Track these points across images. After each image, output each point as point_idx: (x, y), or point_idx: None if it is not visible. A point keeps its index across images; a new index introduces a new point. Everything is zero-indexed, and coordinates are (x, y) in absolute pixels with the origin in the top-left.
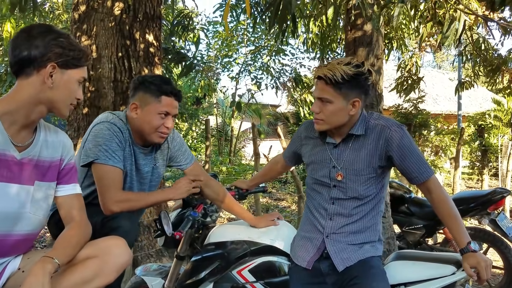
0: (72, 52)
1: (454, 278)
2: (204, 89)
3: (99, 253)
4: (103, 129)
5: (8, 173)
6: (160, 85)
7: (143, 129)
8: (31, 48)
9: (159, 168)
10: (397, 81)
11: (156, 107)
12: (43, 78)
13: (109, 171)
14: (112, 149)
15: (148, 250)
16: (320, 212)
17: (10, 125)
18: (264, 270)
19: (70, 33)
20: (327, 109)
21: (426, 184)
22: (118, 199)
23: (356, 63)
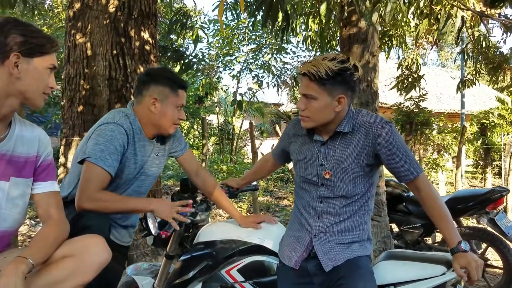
0: (35, 39)
1: (444, 279)
2: (206, 88)
3: (76, 252)
4: (107, 130)
5: None
6: (175, 79)
7: (161, 123)
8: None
9: (162, 158)
10: (397, 79)
11: (175, 101)
12: (8, 69)
13: (96, 171)
14: (109, 151)
15: (144, 249)
16: (308, 211)
17: None
18: (253, 269)
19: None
20: (312, 106)
21: (415, 183)
22: (93, 197)
23: (342, 58)
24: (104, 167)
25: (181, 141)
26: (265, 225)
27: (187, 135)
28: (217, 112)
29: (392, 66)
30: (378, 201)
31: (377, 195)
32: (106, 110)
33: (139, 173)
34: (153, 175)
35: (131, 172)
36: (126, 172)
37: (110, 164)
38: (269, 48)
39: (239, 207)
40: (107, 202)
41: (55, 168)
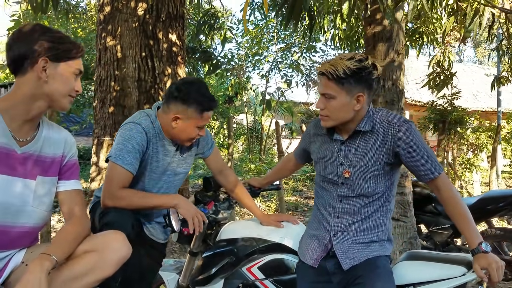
0: (61, 45)
1: (463, 280)
2: (235, 88)
3: (97, 248)
4: (125, 130)
5: (10, 166)
6: (202, 101)
7: (179, 137)
8: (21, 46)
9: (189, 159)
10: (429, 77)
11: (197, 122)
12: (37, 73)
13: (116, 169)
14: (127, 149)
15: (172, 246)
16: (328, 210)
17: (11, 120)
18: (273, 267)
19: (96, 34)
20: (331, 105)
21: (435, 182)
22: (113, 195)
23: (360, 57)
24: (122, 165)
25: (208, 142)
26: (285, 224)
27: (216, 134)
28: (246, 111)
29: (426, 63)
30: (404, 202)
31: (403, 195)
32: (135, 111)
33: (165, 172)
34: (180, 175)
35: (156, 170)
36: (150, 170)
37: (128, 162)
38: (298, 47)
39: (267, 206)
40: (128, 199)
41: (79, 168)
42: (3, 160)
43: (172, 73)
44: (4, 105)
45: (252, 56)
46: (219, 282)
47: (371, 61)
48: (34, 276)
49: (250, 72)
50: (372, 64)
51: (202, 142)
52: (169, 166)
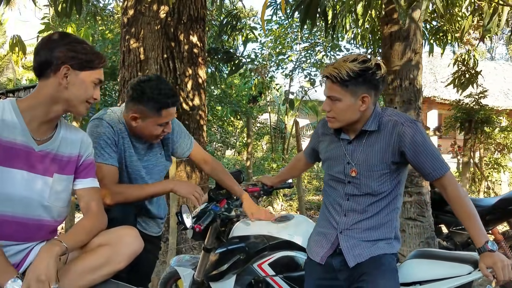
0: (84, 55)
1: (469, 278)
2: (259, 87)
3: (111, 242)
4: (91, 127)
5: (29, 164)
6: (160, 100)
7: (143, 135)
8: (48, 53)
9: (163, 156)
10: (453, 76)
11: (156, 120)
12: (59, 79)
13: (101, 168)
14: (100, 146)
15: (192, 242)
16: (335, 208)
17: (30, 120)
18: (283, 264)
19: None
20: (336, 107)
21: (441, 181)
22: (110, 192)
23: (363, 58)
24: (103, 162)
25: (186, 142)
26: (295, 221)
27: (240, 134)
28: (270, 111)
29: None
30: (422, 201)
31: (421, 195)
32: None
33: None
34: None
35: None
36: (127, 167)
37: (108, 156)
38: (323, 46)
39: (289, 206)
40: (125, 193)
41: (95, 167)
42: (22, 157)
43: (193, 74)
44: (25, 106)
45: (276, 56)
46: (231, 277)
47: (375, 61)
48: (42, 260)
49: (274, 71)
50: (376, 65)
51: (178, 139)
52: (143, 163)
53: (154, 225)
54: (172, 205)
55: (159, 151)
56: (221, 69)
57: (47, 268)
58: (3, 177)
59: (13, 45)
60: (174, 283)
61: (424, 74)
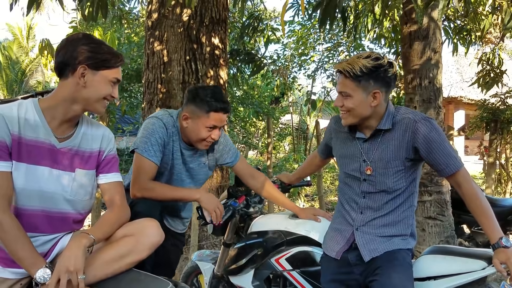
0: (100, 55)
1: (483, 273)
2: (281, 88)
3: (134, 233)
4: (148, 123)
5: (52, 160)
6: (210, 102)
7: (191, 137)
8: (66, 53)
9: (206, 167)
10: (477, 75)
11: (204, 122)
12: (76, 79)
13: (143, 162)
14: (151, 143)
15: (213, 239)
16: (352, 205)
17: (51, 119)
18: (300, 259)
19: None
20: (348, 102)
21: (455, 177)
22: (142, 186)
23: (376, 56)
24: (148, 157)
25: (230, 154)
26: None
27: (262, 135)
28: (292, 112)
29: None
30: (442, 201)
31: (441, 194)
32: None
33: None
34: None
35: (175, 168)
36: (170, 167)
37: (153, 154)
38: (346, 46)
39: (311, 206)
40: (156, 191)
41: (118, 161)
42: (46, 154)
43: (214, 75)
44: (46, 106)
45: (298, 57)
46: (250, 272)
47: (387, 59)
48: (71, 251)
49: (296, 72)
50: (389, 62)
51: (223, 154)
52: (186, 168)
53: (180, 223)
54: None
55: (204, 160)
56: (243, 70)
57: (76, 259)
58: (29, 173)
59: (42, 49)
60: (195, 277)
61: (450, 74)
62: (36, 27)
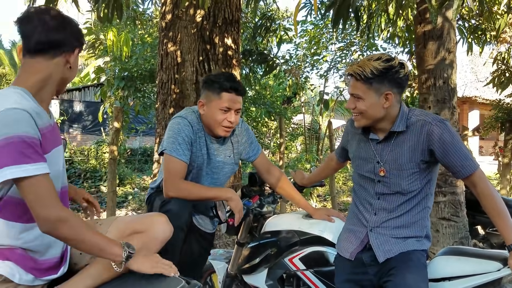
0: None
1: (498, 275)
2: (293, 88)
3: (144, 229)
4: (174, 124)
5: (56, 138)
6: (220, 82)
7: (210, 124)
8: (66, 34)
9: (232, 160)
10: (492, 75)
11: (217, 103)
12: (66, 60)
13: (173, 162)
14: (178, 142)
15: (226, 239)
16: (365, 206)
17: (41, 102)
18: (313, 259)
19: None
20: (360, 104)
21: (471, 179)
22: (175, 186)
23: (387, 57)
24: (177, 157)
25: (253, 147)
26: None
27: (274, 135)
28: (305, 111)
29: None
30: (456, 201)
31: (455, 195)
32: None
33: (209, 166)
34: (226, 169)
35: (202, 163)
36: (198, 162)
37: (182, 153)
38: (359, 46)
39: (323, 206)
40: (188, 190)
41: None
42: (52, 135)
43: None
44: (33, 91)
45: (310, 56)
46: (263, 271)
47: (398, 60)
48: None
49: (309, 72)
50: (400, 63)
51: (246, 147)
52: (214, 162)
53: (209, 223)
54: None
55: (229, 153)
56: (255, 70)
57: None
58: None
59: None
60: (209, 276)
61: (465, 74)
62: None
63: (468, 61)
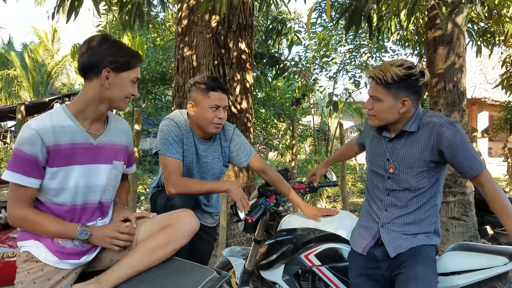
0: (122, 58)
1: (505, 269)
2: (302, 90)
3: (172, 223)
4: (163, 125)
5: (92, 157)
6: (207, 83)
7: (200, 123)
8: (90, 57)
9: (220, 162)
10: (501, 77)
11: (207, 102)
12: (101, 81)
13: (168, 161)
14: (169, 142)
15: (240, 238)
16: (377, 203)
17: (83, 121)
18: (328, 255)
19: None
20: (378, 106)
21: (478, 179)
22: (174, 183)
23: (409, 65)
24: (171, 155)
25: (245, 153)
26: (340, 216)
27: (283, 136)
28: (314, 113)
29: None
30: (465, 201)
31: (464, 195)
32: None
33: (198, 165)
34: (214, 174)
35: (191, 162)
36: (187, 161)
37: (175, 151)
38: (368, 47)
39: (333, 207)
40: (187, 186)
41: None
42: (86, 153)
43: (241, 79)
44: (75, 109)
45: (320, 58)
46: (280, 267)
47: (419, 68)
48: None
49: (318, 74)
50: (420, 72)
51: (237, 150)
52: (201, 163)
53: (208, 216)
54: (222, 202)
55: (218, 155)
56: (266, 73)
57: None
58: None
59: (75, 53)
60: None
61: (474, 75)
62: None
63: (477, 62)
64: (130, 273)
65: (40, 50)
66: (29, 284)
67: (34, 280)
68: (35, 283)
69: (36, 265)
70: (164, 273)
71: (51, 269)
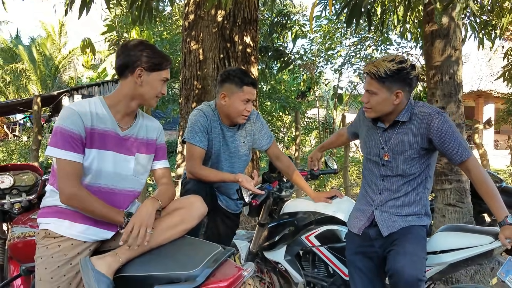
0: (154, 59)
1: (489, 247)
2: (307, 83)
3: (184, 205)
4: (191, 116)
5: (117, 146)
6: (242, 77)
7: (230, 113)
8: (126, 57)
9: (246, 145)
10: (503, 69)
11: (239, 96)
12: (135, 79)
13: (191, 148)
14: (195, 131)
15: (244, 224)
16: (372, 187)
17: (116, 113)
18: (327, 236)
19: (182, 39)
20: (373, 99)
21: (465, 164)
22: (193, 169)
23: (400, 59)
24: (196, 143)
25: (266, 137)
26: (338, 200)
27: (289, 129)
28: (319, 106)
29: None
30: (461, 188)
31: (460, 182)
32: None
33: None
34: (242, 157)
35: (219, 148)
36: (215, 148)
37: (199, 140)
38: (373, 40)
39: None
40: (203, 174)
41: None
42: (112, 141)
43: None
44: (110, 102)
45: (325, 51)
46: (282, 248)
47: (410, 62)
48: (146, 209)
49: (323, 67)
50: (411, 65)
51: (260, 137)
52: (229, 148)
53: (233, 203)
54: None
55: (243, 139)
56: (271, 66)
57: (149, 216)
58: (99, 157)
59: (84, 47)
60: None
61: (480, 67)
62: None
63: (483, 54)
64: (144, 248)
65: (48, 44)
66: (48, 259)
67: (52, 254)
68: (53, 257)
69: (54, 241)
70: (175, 248)
71: (67, 245)
